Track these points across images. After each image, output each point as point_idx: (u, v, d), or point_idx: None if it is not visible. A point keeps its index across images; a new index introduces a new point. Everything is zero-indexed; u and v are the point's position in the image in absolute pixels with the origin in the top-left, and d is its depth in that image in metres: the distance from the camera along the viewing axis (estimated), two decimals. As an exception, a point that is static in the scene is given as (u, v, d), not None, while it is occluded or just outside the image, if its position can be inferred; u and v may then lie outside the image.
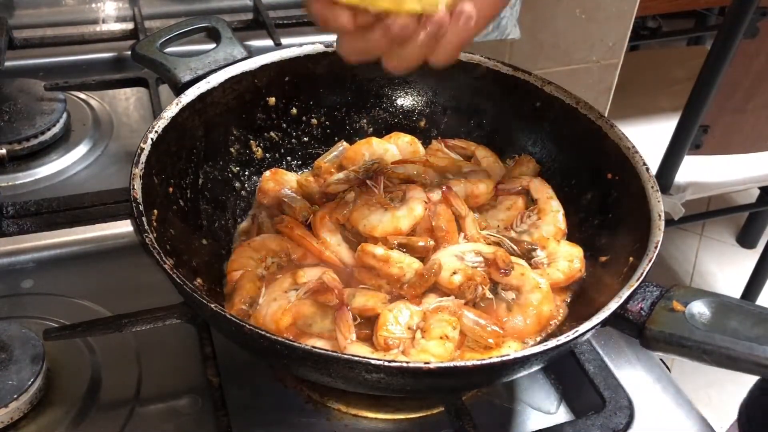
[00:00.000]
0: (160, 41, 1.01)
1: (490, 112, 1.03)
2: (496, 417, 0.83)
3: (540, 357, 0.66)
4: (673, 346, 0.67)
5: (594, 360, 0.83)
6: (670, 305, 0.69)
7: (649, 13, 2.67)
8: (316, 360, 0.64)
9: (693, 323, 0.67)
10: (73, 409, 0.79)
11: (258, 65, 0.97)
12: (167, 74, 0.96)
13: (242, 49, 0.99)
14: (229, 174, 0.96)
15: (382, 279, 0.83)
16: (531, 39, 1.77)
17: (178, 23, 1.05)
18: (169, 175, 0.85)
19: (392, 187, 0.91)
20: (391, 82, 1.05)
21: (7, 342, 0.79)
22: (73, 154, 1.14)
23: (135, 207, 0.74)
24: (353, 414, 0.81)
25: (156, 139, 0.83)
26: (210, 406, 0.77)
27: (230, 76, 0.94)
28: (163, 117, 0.85)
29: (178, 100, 0.88)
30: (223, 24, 1.04)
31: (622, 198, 0.86)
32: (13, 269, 0.95)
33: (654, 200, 0.80)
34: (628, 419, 0.78)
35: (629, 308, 0.69)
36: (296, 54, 0.99)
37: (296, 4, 1.51)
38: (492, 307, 0.81)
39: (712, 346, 0.65)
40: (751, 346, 0.64)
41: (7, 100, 1.17)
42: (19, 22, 1.35)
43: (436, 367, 0.63)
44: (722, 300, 0.69)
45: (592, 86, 1.96)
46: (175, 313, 0.81)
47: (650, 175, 0.82)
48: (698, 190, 2.06)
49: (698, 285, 2.64)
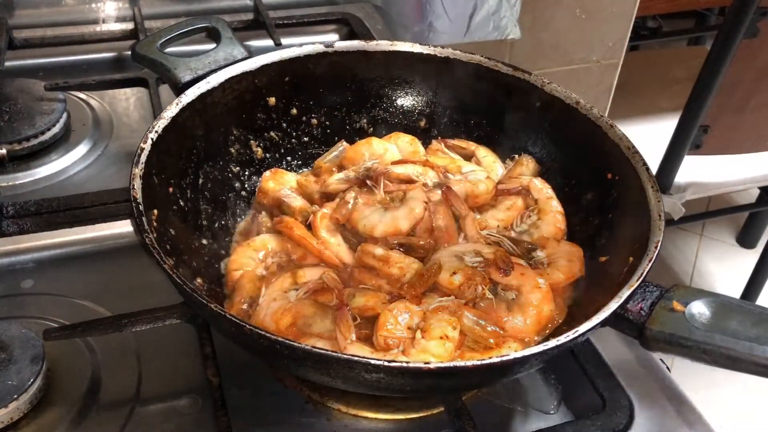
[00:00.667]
0: (161, 41, 1.01)
1: (491, 112, 1.03)
2: (496, 417, 0.83)
3: (540, 357, 0.66)
4: (673, 346, 0.67)
5: (594, 360, 0.83)
6: (670, 305, 0.69)
7: (649, 13, 2.67)
8: (316, 360, 0.64)
9: (693, 323, 0.67)
10: (73, 409, 0.79)
11: (258, 65, 0.97)
12: (167, 74, 0.96)
13: (242, 49, 0.99)
14: (229, 174, 0.96)
15: (382, 279, 0.83)
16: (531, 39, 1.77)
17: (179, 23, 1.05)
18: (169, 175, 0.85)
19: (392, 187, 0.91)
20: (391, 82, 1.05)
21: (7, 342, 0.79)
22: (73, 154, 1.14)
23: (135, 207, 0.74)
24: (353, 414, 0.81)
25: (156, 139, 0.82)
26: (210, 406, 0.77)
27: (230, 76, 0.94)
28: (163, 117, 0.85)
29: (179, 100, 0.88)
30: (223, 24, 1.04)
31: (622, 198, 0.86)
32: (13, 269, 0.95)
33: (654, 200, 0.79)
34: (628, 419, 0.78)
35: (629, 308, 0.69)
36: (296, 54, 0.99)
37: (296, 4, 1.52)
38: (492, 307, 0.81)
39: (712, 346, 0.65)
40: (751, 346, 0.64)
41: (7, 100, 1.17)
42: (19, 22, 1.35)
43: (436, 367, 0.63)
44: (722, 300, 0.69)
45: (592, 86, 1.96)
46: (175, 313, 0.81)
47: (650, 175, 0.82)
48: (698, 190, 2.05)
49: (698, 285, 2.63)
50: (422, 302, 0.80)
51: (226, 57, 0.98)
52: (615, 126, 0.89)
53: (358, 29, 1.42)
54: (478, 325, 0.77)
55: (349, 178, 0.93)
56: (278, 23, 1.38)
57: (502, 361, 0.64)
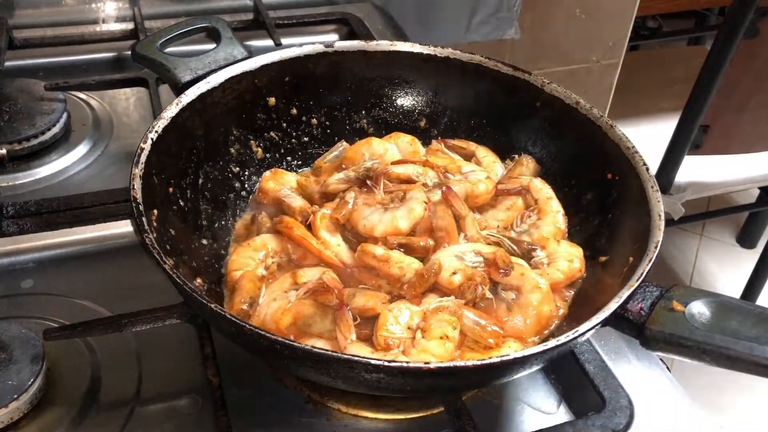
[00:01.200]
0: (160, 41, 1.01)
1: (490, 112, 1.03)
2: (496, 417, 0.83)
3: (540, 357, 0.66)
4: (673, 346, 0.67)
5: (594, 360, 0.83)
6: (670, 305, 0.69)
7: (649, 13, 2.67)
8: (316, 360, 0.64)
9: (693, 323, 0.67)
10: (73, 409, 0.79)
11: (258, 65, 0.97)
12: (167, 74, 0.96)
13: (242, 49, 0.99)
14: (229, 174, 0.96)
15: (382, 279, 0.83)
16: (531, 39, 1.77)
17: (178, 23, 1.05)
18: (169, 175, 0.85)
19: (392, 187, 0.91)
20: (391, 82, 1.05)
21: (7, 342, 0.79)
22: (73, 154, 1.14)
23: (135, 207, 0.74)
24: (353, 414, 0.81)
25: (156, 139, 0.82)
26: (210, 406, 0.77)
27: (230, 76, 0.94)
28: (163, 117, 0.85)
29: (179, 100, 0.88)
30: (223, 24, 1.04)
31: (622, 198, 0.86)
32: (13, 269, 0.95)
33: (654, 200, 0.79)
34: (628, 419, 0.78)
35: (629, 308, 0.69)
36: (296, 54, 0.99)
37: (296, 4, 1.52)
38: (492, 307, 0.81)
39: (712, 346, 0.65)
40: (751, 346, 0.64)
41: (7, 100, 1.17)
42: (19, 22, 1.35)
43: (436, 367, 0.63)
44: (722, 300, 0.69)
45: (592, 86, 1.96)
46: (175, 313, 0.81)
47: (650, 175, 0.82)
48: (698, 190, 2.06)
49: (698, 285, 2.63)
50: (422, 302, 0.80)
51: (226, 57, 0.98)
52: (615, 126, 0.89)
53: (358, 29, 1.42)
54: (478, 325, 0.77)
55: (348, 178, 0.93)
56: (278, 23, 1.38)
57: (502, 361, 0.64)
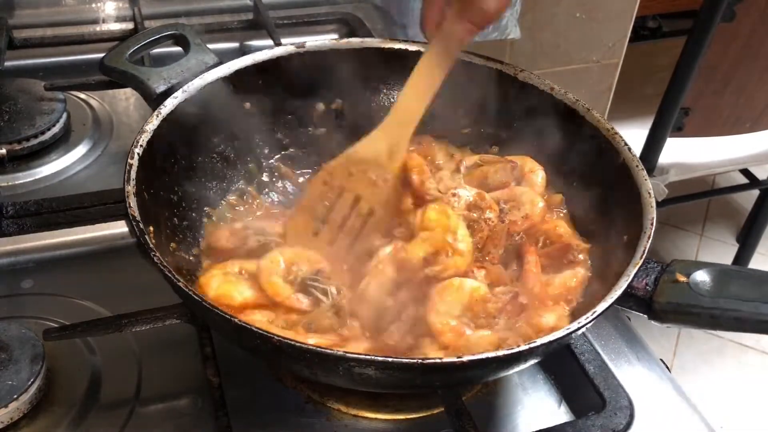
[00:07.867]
0: (129, 52, 0.98)
1: (471, 103, 1.01)
2: (496, 417, 0.83)
3: (562, 340, 0.66)
4: (683, 315, 0.69)
5: (594, 360, 0.83)
6: (674, 277, 0.71)
7: (649, 13, 2.67)
8: (316, 358, 0.64)
9: (698, 291, 0.69)
10: (73, 409, 0.79)
11: (232, 70, 0.94)
12: (140, 86, 0.94)
13: (212, 55, 0.97)
14: (214, 183, 0.94)
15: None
16: (531, 39, 1.77)
17: (144, 32, 1.04)
18: (158, 188, 0.84)
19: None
20: (384, 81, 1.04)
21: (7, 342, 0.79)
22: (73, 154, 1.14)
23: (135, 226, 0.72)
24: (353, 414, 0.81)
25: (142, 154, 0.81)
26: (210, 406, 0.76)
27: (206, 83, 0.92)
28: (145, 130, 0.83)
29: (158, 111, 0.86)
30: (189, 30, 1.02)
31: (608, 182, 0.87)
32: (13, 269, 0.95)
33: (641, 179, 0.81)
34: (628, 419, 0.78)
35: (634, 285, 0.71)
36: (269, 57, 0.97)
37: (296, 4, 1.52)
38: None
39: (720, 310, 0.67)
40: (757, 305, 0.66)
41: (7, 100, 1.17)
42: (19, 22, 1.35)
43: (431, 362, 0.64)
44: (722, 268, 0.71)
45: (592, 86, 1.96)
46: (175, 313, 0.81)
47: (633, 155, 0.84)
48: (681, 172, 2.10)
49: (698, 285, 2.63)
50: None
51: (198, 63, 0.96)
52: (591, 109, 0.91)
53: (358, 29, 1.42)
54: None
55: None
56: (278, 23, 1.38)
57: (506, 354, 0.64)
